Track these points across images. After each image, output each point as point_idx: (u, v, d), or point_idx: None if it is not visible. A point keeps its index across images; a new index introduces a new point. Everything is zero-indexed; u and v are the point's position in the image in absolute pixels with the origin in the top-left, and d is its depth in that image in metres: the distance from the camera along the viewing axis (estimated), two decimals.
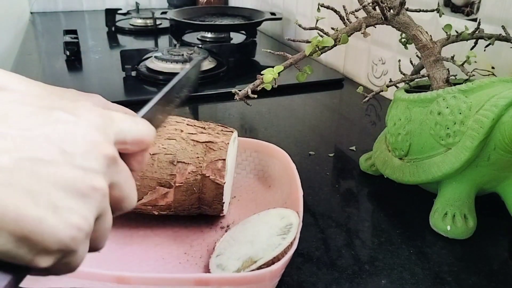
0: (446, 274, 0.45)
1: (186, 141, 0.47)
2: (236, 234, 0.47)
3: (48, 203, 0.22)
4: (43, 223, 0.22)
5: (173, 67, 0.96)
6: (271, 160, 0.56)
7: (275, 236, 0.43)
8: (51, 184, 0.22)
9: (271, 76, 0.53)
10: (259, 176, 0.57)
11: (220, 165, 0.46)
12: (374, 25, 0.54)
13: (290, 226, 0.44)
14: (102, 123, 0.26)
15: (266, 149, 0.57)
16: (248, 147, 0.58)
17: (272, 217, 0.47)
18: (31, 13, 1.70)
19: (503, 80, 0.47)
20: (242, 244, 0.44)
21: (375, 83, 0.96)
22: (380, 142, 0.61)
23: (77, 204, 0.23)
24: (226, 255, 0.44)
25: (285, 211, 0.47)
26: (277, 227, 0.44)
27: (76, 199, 0.23)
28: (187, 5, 1.67)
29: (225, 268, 0.41)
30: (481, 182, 0.50)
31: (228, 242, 0.46)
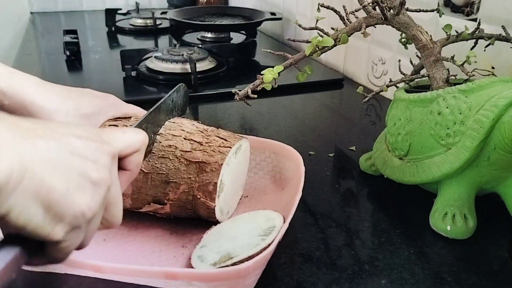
0: (446, 274, 0.45)
1: (179, 160, 0.46)
2: (223, 229, 0.48)
3: (72, 184, 0.29)
4: (67, 196, 0.28)
5: (173, 67, 0.96)
6: (287, 162, 0.56)
7: (256, 236, 0.44)
8: (76, 171, 0.29)
9: (271, 76, 0.53)
10: (276, 178, 0.57)
11: (211, 188, 0.45)
12: (374, 25, 0.54)
13: (273, 228, 0.44)
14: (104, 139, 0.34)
15: (283, 151, 0.56)
16: (268, 148, 0.58)
17: (259, 218, 0.48)
18: (31, 13, 1.70)
19: (503, 80, 0.47)
20: (226, 239, 0.45)
21: (375, 83, 0.96)
22: (380, 142, 0.61)
23: (92, 190, 0.30)
24: (209, 247, 0.44)
25: (272, 214, 0.48)
26: (261, 228, 0.45)
27: (89, 185, 0.30)
28: (187, 5, 1.67)
29: (204, 260, 0.42)
30: (481, 182, 0.50)
31: (214, 235, 0.47)
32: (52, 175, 0.27)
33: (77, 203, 0.29)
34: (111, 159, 0.33)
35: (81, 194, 0.29)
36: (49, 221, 0.28)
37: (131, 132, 0.38)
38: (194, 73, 0.93)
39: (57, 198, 0.27)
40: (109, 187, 0.32)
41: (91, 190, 0.30)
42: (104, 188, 0.31)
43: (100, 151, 0.32)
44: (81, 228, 0.30)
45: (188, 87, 0.92)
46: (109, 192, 0.32)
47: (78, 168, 0.29)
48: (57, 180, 0.28)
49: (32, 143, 0.27)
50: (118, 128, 0.41)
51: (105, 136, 0.34)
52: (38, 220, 0.27)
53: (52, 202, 0.27)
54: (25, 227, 0.27)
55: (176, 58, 0.97)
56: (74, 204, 0.29)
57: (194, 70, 0.93)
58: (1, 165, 0.24)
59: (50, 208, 0.27)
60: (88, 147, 0.31)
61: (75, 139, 0.30)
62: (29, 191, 0.26)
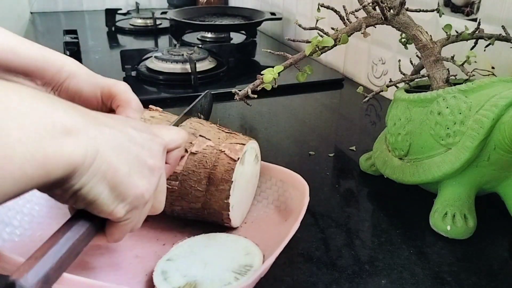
0: (446, 274, 0.45)
1: (212, 127, 0.49)
2: (196, 246, 0.45)
3: (133, 168, 0.32)
4: (130, 178, 0.32)
5: (173, 67, 0.96)
6: (294, 192, 0.52)
7: (230, 271, 0.41)
8: (136, 157, 0.33)
9: (271, 76, 0.53)
10: (281, 208, 0.52)
11: (238, 147, 0.46)
12: (374, 25, 0.54)
13: (249, 268, 0.41)
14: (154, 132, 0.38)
15: (290, 179, 0.52)
16: (274, 174, 0.54)
17: (238, 247, 0.45)
18: (31, 13, 1.70)
19: (503, 80, 0.47)
20: (196, 260, 0.42)
21: (375, 83, 0.96)
22: (380, 142, 0.61)
23: (149, 174, 0.34)
24: (176, 264, 0.42)
25: (253, 248, 0.44)
26: (237, 263, 0.42)
27: (147, 170, 0.34)
28: (187, 5, 1.67)
29: (168, 279, 0.40)
30: (481, 182, 0.50)
31: (185, 250, 0.44)
32: (117, 159, 0.31)
33: (137, 185, 0.32)
34: (163, 150, 0.37)
35: (141, 177, 0.33)
36: (113, 199, 0.31)
37: (175, 129, 0.42)
38: (194, 73, 0.93)
39: (121, 179, 0.31)
40: (161, 175, 0.36)
41: (148, 175, 0.34)
42: (157, 174, 0.35)
43: (153, 141, 0.36)
44: (139, 209, 0.34)
45: (188, 87, 0.93)
46: (160, 179, 0.36)
47: (136, 154, 0.33)
48: (122, 164, 0.31)
49: (101, 130, 0.30)
50: (164, 125, 0.45)
51: (154, 130, 0.38)
52: (104, 197, 0.30)
53: (117, 182, 0.31)
54: (93, 203, 0.30)
55: (176, 58, 0.97)
56: (135, 185, 0.32)
57: (194, 70, 0.93)
58: (79, 147, 0.27)
59: (115, 187, 0.31)
60: (143, 137, 0.35)
61: (132, 130, 0.34)
62: (99, 171, 0.29)
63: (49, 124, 0.26)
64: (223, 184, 0.45)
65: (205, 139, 0.47)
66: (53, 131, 0.26)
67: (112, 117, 0.35)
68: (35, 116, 0.26)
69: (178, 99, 0.89)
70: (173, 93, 0.91)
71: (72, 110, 0.29)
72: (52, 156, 0.26)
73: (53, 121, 0.27)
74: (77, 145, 0.27)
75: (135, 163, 0.33)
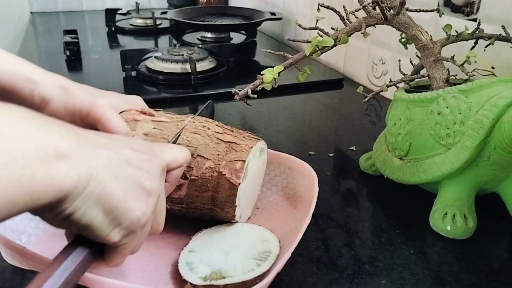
0: (446, 274, 0.45)
1: (211, 138, 0.47)
2: (214, 237, 0.46)
3: (129, 191, 0.31)
4: (125, 202, 0.31)
5: (173, 67, 0.96)
6: (302, 179, 0.53)
7: (250, 258, 0.42)
8: (132, 179, 0.32)
9: (271, 76, 0.53)
10: (290, 195, 0.54)
11: (239, 166, 0.45)
12: (374, 25, 0.54)
13: (268, 254, 0.42)
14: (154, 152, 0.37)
15: (298, 166, 0.53)
16: (283, 162, 0.55)
17: (254, 235, 0.46)
18: (31, 13, 1.70)
19: (503, 80, 0.47)
20: (217, 250, 0.43)
21: (375, 83, 0.96)
22: (380, 142, 0.61)
23: (145, 197, 0.33)
24: (199, 255, 0.43)
25: (268, 234, 0.46)
26: (256, 249, 0.43)
27: (145, 193, 0.33)
28: (187, 5, 1.67)
29: (193, 269, 0.41)
30: (481, 182, 0.50)
31: (205, 241, 0.45)
32: (112, 182, 0.30)
33: (133, 209, 0.32)
34: (161, 171, 0.36)
35: (137, 201, 0.32)
36: (108, 223, 0.30)
37: (178, 148, 0.41)
38: (194, 73, 0.93)
39: (116, 203, 0.30)
40: (159, 196, 0.35)
41: (145, 198, 0.33)
42: (155, 196, 0.34)
43: (152, 163, 0.35)
44: (136, 233, 0.33)
45: (188, 87, 0.93)
46: (158, 201, 0.35)
47: (133, 177, 0.32)
48: (117, 187, 0.30)
49: (96, 153, 0.30)
50: (166, 144, 0.43)
51: (155, 149, 0.37)
52: (99, 221, 0.30)
53: (112, 206, 0.30)
54: (86, 227, 0.30)
55: (176, 58, 0.97)
56: (130, 209, 0.31)
57: (194, 70, 0.93)
58: (71, 172, 0.27)
59: (110, 212, 0.30)
60: (141, 159, 0.34)
61: (130, 151, 0.33)
62: (93, 196, 0.28)
63: (40, 148, 0.25)
64: (227, 207, 0.46)
65: (203, 159, 0.45)
66: (44, 156, 0.25)
67: (110, 137, 0.34)
68: (25, 140, 0.25)
69: (178, 99, 0.89)
70: (173, 93, 0.91)
71: (67, 133, 0.28)
72: (41, 182, 0.25)
73: (45, 145, 0.26)
74: (70, 170, 0.27)
75: (132, 186, 0.32)
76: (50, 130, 0.27)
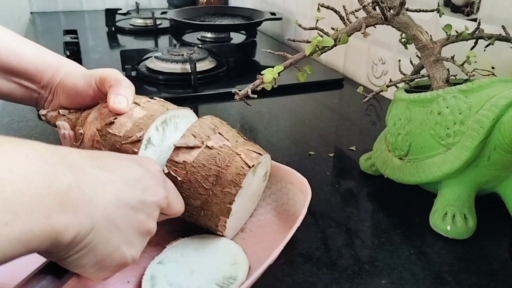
0: (446, 274, 0.45)
1: (232, 130, 0.48)
2: (187, 249, 0.44)
3: (125, 239, 0.32)
4: (118, 251, 0.31)
5: (173, 67, 0.96)
6: (303, 196, 0.49)
7: (213, 283, 0.40)
8: (132, 225, 0.32)
9: (271, 76, 0.53)
10: (290, 213, 0.50)
11: (255, 155, 0.45)
12: (374, 25, 0.54)
13: (232, 282, 0.40)
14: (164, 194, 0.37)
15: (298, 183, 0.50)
16: (284, 176, 0.52)
17: (226, 255, 0.44)
18: (31, 13, 1.70)
19: (503, 80, 0.47)
20: (184, 267, 0.42)
21: (375, 83, 0.96)
22: (380, 142, 0.61)
23: (139, 241, 0.34)
24: (166, 269, 0.42)
25: (240, 257, 0.43)
26: (221, 273, 0.41)
27: (139, 237, 0.34)
28: (187, 5, 1.67)
29: (155, 286, 0.40)
30: (481, 182, 0.50)
31: (177, 253, 0.44)
32: (111, 233, 0.30)
33: (125, 256, 0.32)
34: (159, 211, 0.37)
35: (131, 247, 0.33)
36: (97, 269, 0.31)
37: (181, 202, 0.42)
38: (194, 73, 0.93)
39: (109, 252, 0.30)
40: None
41: (140, 242, 0.34)
42: (149, 237, 0.35)
43: (156, 206, 0.35)
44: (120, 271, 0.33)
45: (188, 87, 0.93)
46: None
47: (135, 222, 0.33)
48: (114, 237, 0.30)
49: (105, 202, 0.30)
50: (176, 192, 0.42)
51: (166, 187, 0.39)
52: (88, 266, 0.30)
53: (105, 255, 0.30)
54: (74, 269, 0.30)
55: (176, 58, 0.97)
56: (122, 257, 0.32)
57: (194, 70, 0.93)
58: (72, 225, 0.26)
59: (102, 260, 0.30)
60: (148, 203, 0.34)
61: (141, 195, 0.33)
62: (89, 246, 0.28)
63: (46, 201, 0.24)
64: (230, 187, 0.43)
65: (223, 138, 0.45)
66: (48, 210, 0.24)
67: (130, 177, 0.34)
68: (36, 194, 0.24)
69: (178, 99, 0.89)
70: (173, 93, 0.91)
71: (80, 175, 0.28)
72: (38, 235, 0.24)
73: (51, 196, 0.25)
74: (71, 224, 0.26)
75: (129, 233, 0.32)
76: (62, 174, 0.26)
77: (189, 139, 0.44)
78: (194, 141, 0.44)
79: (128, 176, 0.34)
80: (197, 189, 0.43)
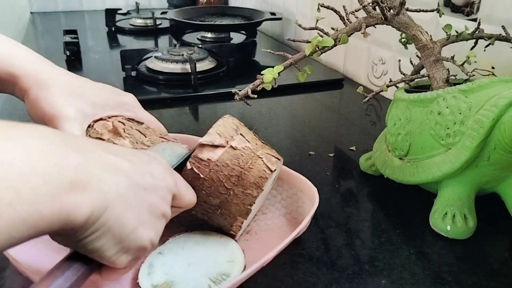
0: (446, 274, 0.45)
1: (250, 133, 0.48)
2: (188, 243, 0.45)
3: (142, 220, 0.31)
4: (136, 233, 0.31)
5: (173, 67, 0.96)
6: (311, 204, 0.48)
7: (206, 277, 0.41)
8: (145, 205, 0.32)
9: (271, 76, 0.53)
10: (298, 221, 0.50)
11: (274, 160, 0.45)
12: (374, 25, 0.54)
13: (225, 278, 0.41)
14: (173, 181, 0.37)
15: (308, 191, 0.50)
16: (295, 184, 0.51)
17: (224, 252, 0.44)
18: (31, 13, 1.70)
19: (503, 80, 0.47)
20: (183, 259, 0.43)
21: (375, 83, 0.96)
22: (380, 142, 0.61)
23: (155, 223, 0.33)
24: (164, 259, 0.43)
25: (238, 256, 0.44)
26: (216, 269, 0.42)
27: (155, 219, 0.33)
28: (187, 5, 1.67)
29: (151, 274, 0.40)
30: (481, 182, 0.50)
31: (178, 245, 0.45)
32: (126, 212, 0.29)
33: (143, 238, 0.31)
34: (171, 198, 0.36)
35: (148, 229, 0.32)
36: (116, 251, 0.30)
37: (191, 191, 0.41)
38: (194, 73, 0.93)
39: (127, 233, 0.30)
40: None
41: (156, 224, 0.33)
42: (165, 221, 0.35)
43: (167, 189, 0.35)
44: (141, 258, 0.33)
45: (188, 87, 0.93)
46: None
47: (148, 203, 0.32)
48: (130, 218, 0.30)
49: (116, 182, 0.29)
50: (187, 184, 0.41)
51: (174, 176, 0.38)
52: (107, 248, 0.29)
53: (123, 236, 0.30)
54: (95, 253, 0.29)
55: (176, 58, 0.97)
56: (141, 239, 0.31)
57: (194, 70, 0.93)
58: (85, 205, 0.25)
59: (120, 241, 0.30)
60: (159, 186, 0.34)
61: (151, 178, 0.33)
62: (105, 226, 0.28)
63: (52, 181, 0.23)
64: (252, 189, 0.44)
65: (244, 140, 0.45)
66: (55, 190, 0.24)
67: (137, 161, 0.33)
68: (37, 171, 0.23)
69: (178, 99, 0.89)
70: (173, 93, 0.91)
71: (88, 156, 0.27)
72: (48, 216, 0.23)
73: (59, 176, 0.24)
74: (83, 202, 0.25)
75: (145, 213, 0.32)
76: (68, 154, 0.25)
77: (215, 137, 0.44)
78: (220, 140, 0.44)
79: (137, 161, 0.33)
80: (218, 188, 0.44)
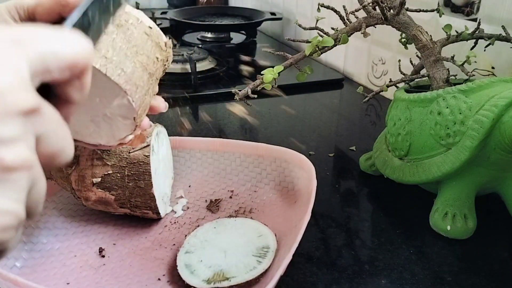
0: (446, 274, 0.45)
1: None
2: (208, 234, 0.45)
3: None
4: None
5: (173, 67, 0.96)
6: (300, 172, 0.52)
7: (250, 255, 0.42)
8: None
9: (271, 76, 0.53)
10: (289, 188, 0.53)
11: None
12: (374, 25, 0.54)
13: (267, 249, 0.42)
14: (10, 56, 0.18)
15: (295, 159, 0.53)
16: (278, 156, 0.54)
17: (249, 231, 0.45)
18: None
19: (503, 80, 0.47)
20: (215, 249, 0.43)
21: (375, 83, 0.96)
22: (380, 142, 0.61)
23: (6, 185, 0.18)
24: (197, 255, 0.43)
25: (263, 229, 0.45)
26: (254, 246, 0.43)
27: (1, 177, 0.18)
28: (187, 5, 1.67)
29: (194, 272, 0.41)
30: (481, 182, 0.50)
31: (200, 240, 0.45)
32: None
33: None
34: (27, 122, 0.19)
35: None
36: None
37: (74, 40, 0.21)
38: (194, 73, 0.93)
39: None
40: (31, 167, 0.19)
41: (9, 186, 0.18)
42: (26, 174, 0.19)
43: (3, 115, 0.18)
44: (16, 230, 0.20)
45: (188, 87, 0.93)
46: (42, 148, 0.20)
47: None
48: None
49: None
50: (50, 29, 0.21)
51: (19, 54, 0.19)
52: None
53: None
54: None
55: (176, 58, 0.97)
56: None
57: (194, 70, 0.93)
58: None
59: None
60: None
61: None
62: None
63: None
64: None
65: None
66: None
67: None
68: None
69: (178, 99, 0.89)
70: (173, 93, 0.91)
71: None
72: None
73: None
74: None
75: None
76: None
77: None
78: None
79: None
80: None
